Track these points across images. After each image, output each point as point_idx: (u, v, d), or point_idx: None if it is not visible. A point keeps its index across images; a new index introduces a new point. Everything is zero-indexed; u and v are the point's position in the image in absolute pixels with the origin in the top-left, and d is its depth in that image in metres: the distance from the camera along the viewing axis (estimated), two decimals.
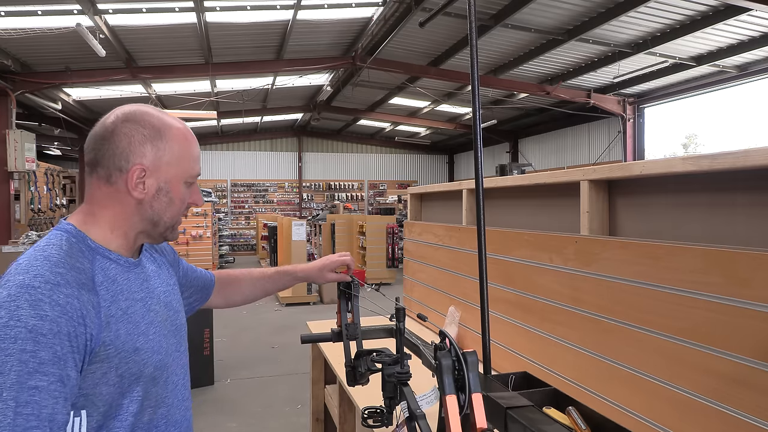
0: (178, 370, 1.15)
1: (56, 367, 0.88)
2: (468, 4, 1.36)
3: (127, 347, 0.99)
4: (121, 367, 0.98)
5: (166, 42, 8.49)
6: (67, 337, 0.90)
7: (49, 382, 0.87)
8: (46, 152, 16.37)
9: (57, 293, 0.91)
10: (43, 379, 0.87)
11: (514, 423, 1.04)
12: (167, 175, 1.08)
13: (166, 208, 1.10)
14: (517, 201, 2.39)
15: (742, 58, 8.56)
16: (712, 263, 1.23)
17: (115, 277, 1.03)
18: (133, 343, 1.01)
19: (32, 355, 0.86)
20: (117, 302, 1.01)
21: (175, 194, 1.10)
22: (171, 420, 1.10)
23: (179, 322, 1.19)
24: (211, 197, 12.40)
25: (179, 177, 1.10)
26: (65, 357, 0.90)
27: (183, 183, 1.11)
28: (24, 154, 8.24)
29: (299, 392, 4.91)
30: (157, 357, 1.06)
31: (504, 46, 9.03)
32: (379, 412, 1.28)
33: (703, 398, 1.25)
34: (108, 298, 0.99)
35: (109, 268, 1.03)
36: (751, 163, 1.20)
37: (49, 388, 0.87)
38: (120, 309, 1.01)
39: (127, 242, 1.09)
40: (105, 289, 1.00)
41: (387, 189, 19.87)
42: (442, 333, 0.96)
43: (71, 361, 0.91)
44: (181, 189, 1.11)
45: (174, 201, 1.10)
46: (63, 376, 0.89)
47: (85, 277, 0.97)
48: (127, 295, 1.04)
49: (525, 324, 2.04)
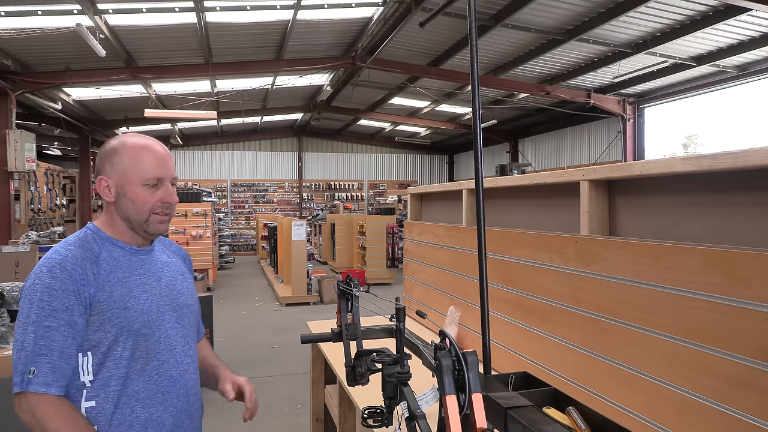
0: (175, 336, 1.43)
1: (65, 314, 1.26)
2: (468, 4, 1.36)
3: (118, 305, 1.33)
4: (113, 320, 1.31)
5: (166, 42, 8.49)
6: (74, 294, 1.28)
7: (59, 324, 1.25)
8: (46, 152, 16.37)
9: (66, 262, 1.30)
10: (54, 321, 1.25)
11: (514, 423, 1.04)
12: (122, 181, 1.39)
13: (130, 207, 1.39)
14: (517, 201, 2.39)
15: (742, 58, 8.56)
16: (712, 263, 1.23)
17: (118, 257, 1.39)
18: (124, 303, 1.34)
19: (48, 304, 1.25)
20: (114, 273, 1.36)
21: (133, 195, 1.39)
22: (165, 374, 1.38)
23: (181, 302, 1.48)
24: (211, 197, 12.37)
25: (134, 181, 1.38)
26: (72, 307, 1.27)
27: (141, 186, 1.39)
28: (24, 154, 8.24)
29: (299, 392, 4.91)
30: (145, 317, 1.36)
31: (504, 46, 9.03)
32: (379, 412, 1.28)
33: (704, 398, 1.24)
34: (108, 270, 1.35)
35: (114, 252, 1.40)
36: (751, 163, 1.20)
37: (60, 328, 1.25)
38: (116, 277, 1.36)
39: (129, 235, 1.43)
40: (107, 264, 1.36)
41: (387, 189, 19.87)
42: (442, 333, 0.96)
43: (77, 311, 1.28)
44: (140, 191, 1.39)
45: (135, 201, 1.39)
46: (71, 321, 1.27)
47: (92, 254, 1.35)
48: (126, 269, 1.39)
49: (525, 324, 2.04)
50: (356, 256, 12.79)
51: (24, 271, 5.67)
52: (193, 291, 1.57)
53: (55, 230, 7.56)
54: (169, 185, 1.43)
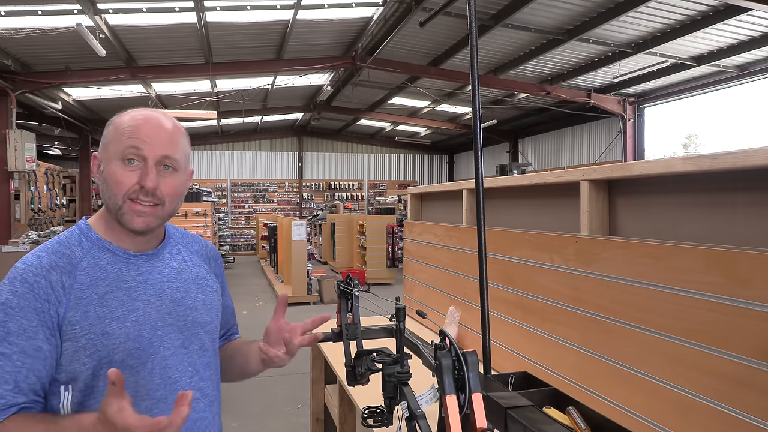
0: (178, 366, 1.13)
1: (22, 338, 0.99)
2: (468, 4, 1.36)
3: (95, 329, 1.04)
4: (89, 348, 1.03)
5: (166, 42, 8.49)
6: (35, 312, 1.00)
7: (13, 351, 0.98)
8: (46, 152, 16.37)
9: (27, 273, 1.03)
10: (8, 347, 0.98)
11: (514, 423, 1.04)
12: (105, 157, 1.11)
13: (105, 189, 1.10)
14: (517, 201, 2.39)
15: (742, 58, 8.55)
16: (713, 263, 1.23)
17: (104, 265, 1.10)
18: (103, 326, 1.05)
19: (2, 325, 0.99)
20: (94, 286, 1.07)
21: (107, 174, 1.09)
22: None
23: (191, 320, 1.17)
24: (211, 197, 12.37)
25: (112, 155, 1.09)
26: (34, 329, 1.00)
27: (117, 161, 1.08)
28: (24, 153, 8.24)
29: (299, 392, 4.91)
30: (131, 344, 1.07)
31: (504, 46, 9.02)
32: (379, 412, 1.28)
33: (704, 398, 1.24)
34: (85, 282, 1.06)
35: (101, 258, 1.10)
36: (751, 163, 1.20)
37: (12, 356, 0.98)
38: (96, 293, 1.06)
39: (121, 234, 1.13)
40: (86, 274, 1.07)
41: (387, 189, 19.86)
42: (442, 333, 0.96)
43: (41, 333, 1.01)
44: (113, 168, 1.08)
45: (108, 182, 1.09)
46: (31, 347, 0.99)
47: (66, 261, 1.06)
48: (111, 281, 1.09)
49: (525, 324, 2.04)
50: (356, 256, 12.78)
51: None
52: (213, 302, 1.26)
53: (55, 230, 7.57)
54: (152, 164, 1.08)
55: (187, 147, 1.18)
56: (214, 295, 1.27)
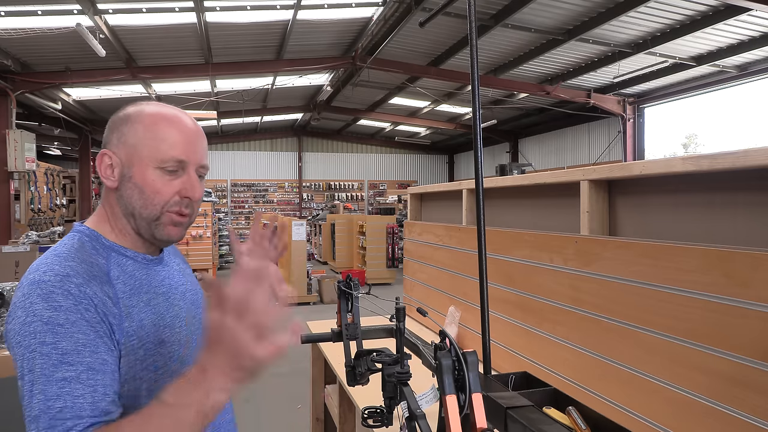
0: None
1: (81, 356, 0.85)
2: (468, 4, 1.36)
3: (151, 338, 0.96)
4: (146, 360, 0.94)
5: (166, 42, 8.49)
6: (88, 324, 0.87)
7: (79, 371, 0.84)
8: (46, 152, 16.38)
9: (68, 283, 0.88)
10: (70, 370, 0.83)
11: (514, 423, 1.04)
12: (130, 159, 1.00)
13: (136, 197, 1.00)
14: (517, 201, 2.39)
15: (742, 58, 8.56)
16: (712, 263, 1.23)
17: (133, 272, 1.01)
18: (158, 334, 0.98)
19: (53, 347, 0.84)
20: (138, 294, 0.98)
21: (141, 180, 0.99)
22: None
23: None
24: (211, 197, 12.38)
25: (147, 161, 0.99)
26: (93, 343, 0.87)
27: (155, 169, 1.00)
28: (24, 154, 8.24)
29: (299, 392, 4.91)
30: (185, 351, 1.03)
31: (504, 46, 9.02)
32: (379, 412, 1.28)
33: (703, 398, 1.24)
34: (127, 291, 0.97)
35: (126, 264, 1.01)
36: (751, 163, 1.20)
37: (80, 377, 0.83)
38: (142, 300, 0.98)
39: (134, 239, 1.05)
40: (122, 283, 0.97)
41: (387, 189, 19.87)
42: (442, 333, 0.96)
43: (102, 345, 0.88)
44: (152, 175, 0.99)
45: (143, 189, 0.99)
46: (93, 363, 0.86)
47: (99, 270, 0.95)
48: (148, 288, 1.01)
49: (525, 324, 2.04)
50: (356, 256, 12.78)
51: (24, 271, 5.67)
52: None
53: (55, 230, 7.56)
54: (194, 174, 1.03)
55: None
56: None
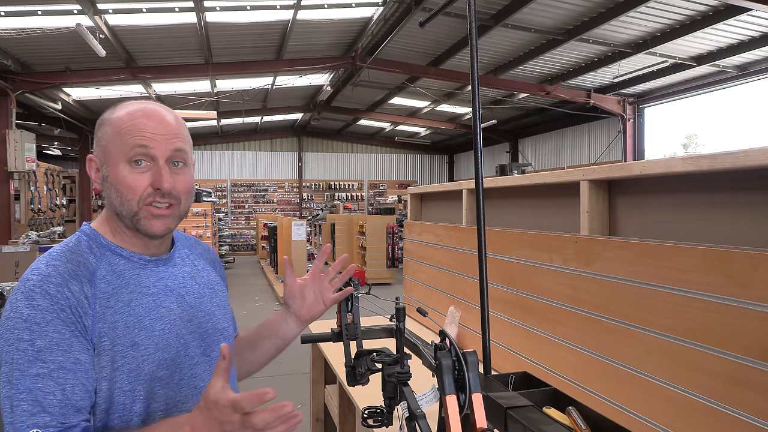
0: (203, 374, 1.09)
1: (54, 354, 0.89)
2: (468, 4, 1.36)
3: (123, 340, 0.97)
4: (117, 361, 0.96)
5: (166, 42, 8.49)
6: (63, 323, 0.91)
7: (50, 369, 0.89)
8: (46, 152, 16.38)
9: (47, 283, 0.93)
10: (42, 366, 0.88)
11: (514, 423, 1.04)
12: (106, 159, 1.02)
13: (114, 195, 1.02)
14: (517, 201, 2.39)
15: (742, 58, 8.56)
16: (712, 263, 1.23)
17: (122, 272, 1.03)
18: (132, 337, 0.98)
19: (30, 344, 0.89)
20: (118, 294, 1.00)
21: (114, 179, 1.01)
22: None
23: (211, 327, 1.13)
24: (211, 197, 12.38)
25: (115, 159, 1.01)
26: (68, 342, 0.91)
27: (124, 164, 1.00)
28: (24, 154, 8.25)
29: (299, 392, 4.91)
30: (161, 354, 1.01)
31: (504, 46, 9.02)
32: (379, 412, 1.28)
33: (703, 398, 1.25)
34: (108, 291, 0.99)
35: (116, 264, 1.03)
36: (751, 163, 1.20)
37: (52, 374, 0.88)
38: (121, 301, 0.99)
39: (134, 238, 1.07)
40: (106, 282, 1.00)
41: (387, 189, 19.86)
42: (442, 333, 0.96)
43: (77, 345, 0.92)
44: (122, 172, 1.00)
45: (118, 188, 1.01)
46: (66, 362, 0.90)
47: (84, 269, 0.98)
48: (134, 288, 1.02)
49: (525, 324, 2.04)
50: (356, 256, 12.78)
51: (23, 271, 5.69)
52: (227, 307, 1.23)
53: (55, 230, 7.57)
54: (164, 164, 1.01)
55: (190, 138, 1.11)
56: (227, 300, 1.24)
